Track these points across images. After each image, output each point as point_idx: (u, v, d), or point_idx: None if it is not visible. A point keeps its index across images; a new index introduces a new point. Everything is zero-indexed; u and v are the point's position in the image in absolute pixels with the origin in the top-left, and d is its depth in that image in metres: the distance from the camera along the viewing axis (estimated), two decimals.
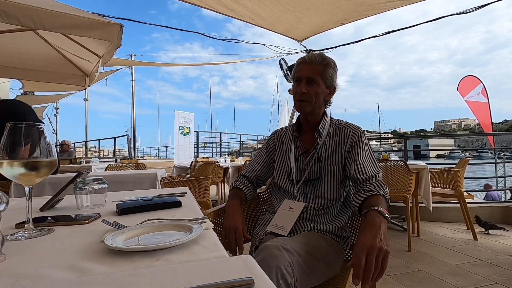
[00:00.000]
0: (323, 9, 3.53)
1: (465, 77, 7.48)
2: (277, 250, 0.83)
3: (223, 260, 0.48)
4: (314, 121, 1.20)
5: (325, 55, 1.18)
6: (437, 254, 2.43)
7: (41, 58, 3.29)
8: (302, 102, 1.15)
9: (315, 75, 1.13)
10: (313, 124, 1.20)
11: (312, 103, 1.15)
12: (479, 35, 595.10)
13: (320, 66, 1.14)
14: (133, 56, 8.01)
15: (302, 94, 1.14)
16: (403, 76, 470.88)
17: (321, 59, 1.15)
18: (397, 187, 2.68)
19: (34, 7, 1.82)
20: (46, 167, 0.65)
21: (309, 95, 1.13)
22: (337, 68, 1.19)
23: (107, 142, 21.29)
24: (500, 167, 5.55)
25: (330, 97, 1.20)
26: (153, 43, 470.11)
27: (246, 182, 1.29)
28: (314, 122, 1.20)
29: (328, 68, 1.15)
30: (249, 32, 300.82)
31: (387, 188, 1.03)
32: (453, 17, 3.85)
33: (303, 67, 1.16)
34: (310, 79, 1.14)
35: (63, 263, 0.48)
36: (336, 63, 1.19)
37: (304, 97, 1.14)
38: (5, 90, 6.64)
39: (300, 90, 1.14)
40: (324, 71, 1.14)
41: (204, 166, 3.93)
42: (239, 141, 14.03)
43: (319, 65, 1.14)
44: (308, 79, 1.14)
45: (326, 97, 1.19)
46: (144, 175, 2.23)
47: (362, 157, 1.11)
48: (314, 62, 1.15)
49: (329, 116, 1.23)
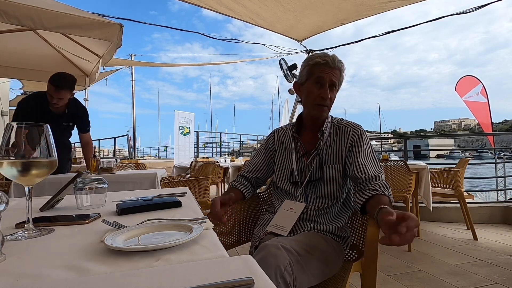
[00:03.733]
0: (323, 9, 3.53)
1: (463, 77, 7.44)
2: (276, 249, 0.83)
3: (223, 260, 0.48)
4: (319, 122, 1.19)
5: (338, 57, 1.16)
6: (437, 254, 2.43)
7: (41, 58, 3.30)
8: (324, 107, 1.13)
9: (336, 80, 1.13)
10: (318, 125, 1.19)
11: (330, 108, 1.15)
12: (478, 35, 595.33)
13: (340, 72, 1.14)
14: (133, 56, 8.02)
15: (326, 100, 1.12)
16: (403, 76, 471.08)
17: (342, 64, 1.14)
18: (397, 187, 2.68)
19: (34, 7, 1.82)
20: (46, 167, 0.65)
21: (331, 101, 1.13)
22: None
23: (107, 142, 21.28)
24: (500, 167, 5.55)
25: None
26: (154, 43, 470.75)
27: (243, 182, 1.28)
28: (320, 123, 1.19)
29: (342, 73, 1.15)
30: (249, 32, 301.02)
31: (391, 190, 1.02)
32: (453, 17, 3.86)
33: (328, 70, 1.11)
34: (333, 84, 1.12)
35: (63, 263, 0.48)
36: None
37: (327, 103, 1.12)
38: (5, 90, 6.63)
39: (326, 95, 1.11)
40: (341, 76, 1.14)
41: (204, 166, 3.93)
42: (239, 141, 14.04)
43: (339, 71, 1.13)
44: (332, 83, 1.12)
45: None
46: (144, 175, 2.23)
47: (363, 156, 1.10)
48: (338, 66, 1.12)
49: (330, 115, 1.23)
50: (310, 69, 1.15)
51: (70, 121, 2.37)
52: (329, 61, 1.11)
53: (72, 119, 2.38)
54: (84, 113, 2.47)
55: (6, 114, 6.35)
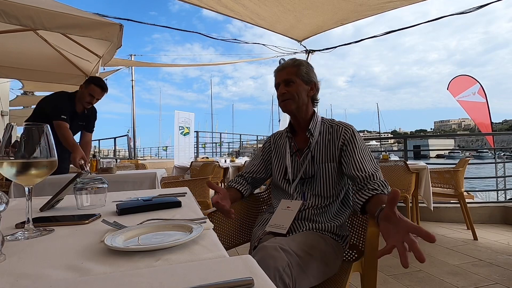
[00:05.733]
0: (323, 9, 3.53)
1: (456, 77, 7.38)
2: (275, 251, 0.83)
3: (223, 260, 0.48)
4: (304, 121, 1.23)
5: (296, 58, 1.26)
6: (437, 254, 2.43)
7: (41, 58, 3.30)
8: (284, 101, 1.20)
9: (290, 75, 1.20)
10: (304, 124, 1.23)
11: (295, 100, 1.19)
12: (477, 35, 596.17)
13: (293, 68, 1.21)
14: (133, 56, 8.02)
15: (283, 94, 1.19)
16: (403, 76, 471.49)
17: (292, 61, 1.23)
18: (397, 187, 2.65)
19: (34, 7, 1.82)
20: (46, 167, 0.65)
21: (290, 93, 1.19)
22: (311, 65, 1.25)
23: (107, 142, 21.30)
24: (500, 167, 5.55)
25: (313, 93, 1.23)
26: (154, 43, 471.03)
27: (240, 180, 1.32)
28: (304, 122, 1.23)
29: (301, 67, 1.21)
30: (249, 33, 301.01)
31: (390, 188, 1.02)
32: (452, 18, 3.86)
33: (279, 74, 1.23)
34: (287, 81, 1.20)
35: (63, 263, 0.48)
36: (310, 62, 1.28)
37: (286, 96, 1.19)
38: (5, 90, 6.63)
39: (280, 91, 1.20)
40: (298, 70, 1.20)
41: (204, 166, 3.92)
42: (239, 141, 14.03)
43: (291, 67, 1.21)
44: (285, 81, 1.20)
45: (309, 93, 1.22)
46: (144, 175, 2.23)
47: (359, 154, 1.11)
48: (286, 66, 1.22)
49: (319, 116, 1.26)
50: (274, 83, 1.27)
51: (84, 120, 2.49)
52: (280, 67, 1.24)
53: (86, 118, 2.50)
54: (95, 114, 2.62)
55: (6, 114, 6.35)
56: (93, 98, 2.34)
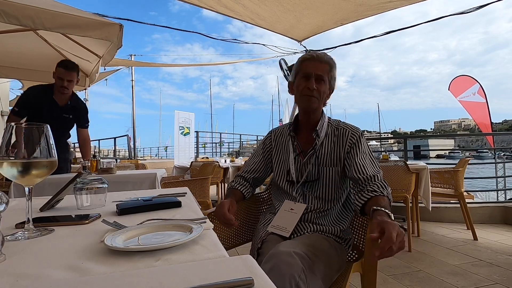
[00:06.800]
0: (323, 9, 3.53)
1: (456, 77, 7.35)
2: (289, 257, 0.81)
3: (223, 260, 0.48)
4: (314, 120, 1.19)
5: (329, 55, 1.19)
6: (437, 254, 2.43)
7: (41, 58, 3.30)
8: (311, 97, 1.13)
9: (324, 73, 1.14)
10: (312, 123, 1.19)
11: (320, 99, 1.15)
12: (477, 36, 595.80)
13: (328, 66, 1.15)
14: (133, 56, 8.02)
15: (312, 90, 1.12)
16: (403, 76, 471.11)
17: (329, 58, 1.16)
18: (397, 187, 2.67)
19: (34, 7, 1.82)
20: (46, 167, 0.65)
21: (318, 91, 1.13)
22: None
23: (107, 142, 21.29)
24: (500, 167, 5.55)
25: (328, 98, 1.20)
26: (154, 44, 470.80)
27: (242, 182, 1.28)
28: (314, 121, 1.19)
29: (333, 69, 1.16)
30: (249, 33, 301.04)
31: (390, 189, 1.02)
32: (452, 18, 3.86)
33: (313, 64, 1.14)
34: (320, 77, 1.13)
35: (63, 263, 0.48)
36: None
37: (314, 94, 1.13)
38: (5, 90, 6.63)
39: (311, 86, 1.12)
40: (331, 71, 1.16)
41: (204, 166, 3.92)
42: (239, 141, 14.03)
43: (327, 64, 1.15)
44: (318, 76, 1.13)
45: (327, 96, 1.19)
46: (144, 175, 2.23)
47: (361, 156, 1.10)
48: (323, 60, 1.14)
49: (326, 116, 1.23)
50: (298, 66, 1.18)
51: (70, 113, 2.46)
52: (315, 56, 1.15)
53: (72, 111, 2.46)
54: (84, 108, 2.58)
55: (6, 114, 6.34)
56: (63, 81, 2.28)
